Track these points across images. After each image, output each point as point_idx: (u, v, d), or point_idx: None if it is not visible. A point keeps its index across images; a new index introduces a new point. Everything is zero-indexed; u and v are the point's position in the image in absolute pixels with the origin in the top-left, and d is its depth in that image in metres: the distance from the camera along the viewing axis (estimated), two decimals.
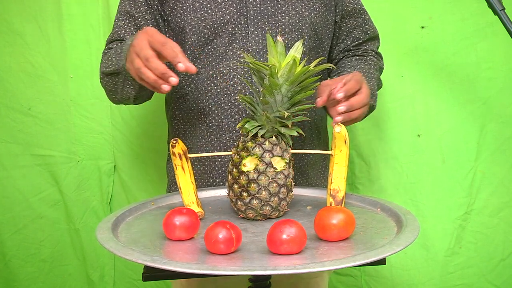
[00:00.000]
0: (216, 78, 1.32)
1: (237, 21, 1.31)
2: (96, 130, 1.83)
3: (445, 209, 1.76)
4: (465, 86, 1.72)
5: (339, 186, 1.17)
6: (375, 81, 1.40)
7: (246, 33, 1.31)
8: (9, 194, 1.84)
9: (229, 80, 1.32)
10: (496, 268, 1.77)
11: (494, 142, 1.73)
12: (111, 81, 1.30)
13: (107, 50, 1.35)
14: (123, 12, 1.37)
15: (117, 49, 1.26)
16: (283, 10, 1.33)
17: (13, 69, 1.80)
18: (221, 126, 1.34)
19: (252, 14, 1.31)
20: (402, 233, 0.99)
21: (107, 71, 1.28)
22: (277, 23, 1.32)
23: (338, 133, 1.13)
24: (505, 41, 1.56)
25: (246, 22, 1.31)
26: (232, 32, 1.31)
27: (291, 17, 1.33)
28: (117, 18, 1.38)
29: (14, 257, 1.86)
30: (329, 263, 0.87)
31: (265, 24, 1.31)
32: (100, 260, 1.89)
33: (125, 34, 1.35)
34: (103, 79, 1.32)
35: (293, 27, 1.33)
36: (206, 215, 1.19)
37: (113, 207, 1.89)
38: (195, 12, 1.31)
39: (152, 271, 0.96)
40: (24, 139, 1.82)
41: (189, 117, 1.38)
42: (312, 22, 1.35)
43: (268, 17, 1.32)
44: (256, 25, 1.31)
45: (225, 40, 1.31)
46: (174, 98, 1.41)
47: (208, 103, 1.34)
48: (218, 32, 1.31)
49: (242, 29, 1.31)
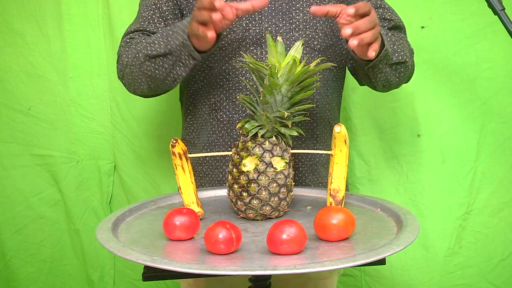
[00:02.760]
0: (229, 74, 1.33)
1: (251, 17, 1.31)
2: (96, 130, 1.83)
3: (445, 209, 1.76)
4: (465, 86, 1.72)
5: (339, 186, 1.17)
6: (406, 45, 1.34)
7: (260, 29, 1.31)
8: (9, 194, 1.84)
9: (241, 75, 1.32)
10: (496, 268, 1.76)
11: (494, 142, 1.73)
12: (154, 64, 1.26)
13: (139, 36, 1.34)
14: (149, 4, 1.37)
15: (165, 32, 1.25)
16: (298, 7, 1.32)
17: (13, 69, 1.80)
18: (232, 121, 1.34)
19: (267, 10, 1.31)
20: (402, 233, 0.99)
21: (154, 53, 1.25)
22: (291, 20, 1.32)
23: (338, 133, 1.13)
24: (505, 41, 1.57)
25: (260, 18, 1.31)
26: (246, 28, 1.31)
27: (306, 14, 1.32)
28: (142, 9, 1.38)
29: (14, 257, 1.86)
30: (329, 263, 0.87)
31: (279, 21, 1.31)
32: (100, 260, 1.89)
33: (149, 25, 1.35)
34: (144, 63, 1.28)
35: (307, 24, 1.32)
36: (206, 215, 1.19)
37: (113, 207, 1.89)
38: None
39: (152, 271, 0.96)
40: (24, 139, 1.82)
41: (201, 113, 1.39)
42: (327, 18, 1.33)
43: (282, 14, 1.32)
44: (270, 22, 1.31)
45: (238, 36, 1.31)
46: (187, 94, 1.41)
47: (220, 98, 1.35)
48: (232, 28, 1.31)
49: (256, 25, 1.31)
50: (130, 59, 1.31)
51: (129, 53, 1.32)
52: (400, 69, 1.32)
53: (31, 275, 1.88)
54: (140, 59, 1.29)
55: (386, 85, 1.35)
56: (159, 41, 1.26)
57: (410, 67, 1.36)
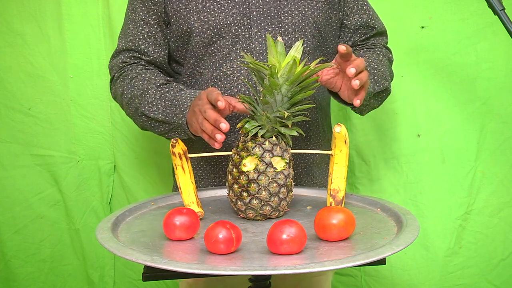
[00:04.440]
0: (220, 80, 1.33)
1: (240, 23, 1.31)
2: (96, 130, 1.83)
3: (445, 209, 1.76)
4: (465, 86, 1.72)
5: (339, 186, 1.17)
6: (386, 67, 1.39)
7: (249, 34, 1.31)
8: (9, 194, 1.84)
9: (232, 81, 1.32)
10: (496, 268, 1.76)
11: (494, 142, 1.73)
12: (150, 122, 1.32)
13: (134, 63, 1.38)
14: (137, 20, 1.37)
15: (164, 97, 1.28)
16: (286, 11, 1.33)
17: (13, 69, 1.80)
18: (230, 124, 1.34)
19: (255, 15, 1.31)
20: (402, 233, 0.99)
21: (151, 116, 1.30)
22: (280, 24, 1.32)
23: (338, 133, 1.14)
24: (505, 41, 1.57)
25: (249, 23, 1.31)
26: (235, 34, 1.31)
27: (294, 17, 1.33)
28: (131, 25, 1.38)
29: (14, 257, 1.86)
30: (329, 263, 0.87)
31: (268, 25, 1.31)
32: (100, 260, 1.89)
33: (140, 43, 1.37)
34: (140, 116, 1.33)
35: (296, 27, 1.33)
36: (206, 215, 1.19)
37: (113, 207, 1.89)
38: (198, 14, 1.31)
39: (152, 271, 0.96)
40: (24, 139, 1.82)
41: None
42: (316, 21, 1.35)
43: (271, 18, 1.32)
44: (259, 26, 1.31)
45: (228, 42, 1.31)
46: None
47: None
48: (221, 34, 1.31)
49: (246, 30, 1.31)
50: (125, 97, 1.34)
51: (125, 89, 1.34)
52: (382, 94, 1.37)
53: (31, 275, 1.88)
54: (136, 106, 1.32)
55: (370, 110, 1.41)
56: (157, 105, 1.29)
57: (390, 86, 1.40)
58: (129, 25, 1.39)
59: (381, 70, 1.35)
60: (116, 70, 1.39)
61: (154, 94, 1.30)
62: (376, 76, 1.32)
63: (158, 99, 1.29)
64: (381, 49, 1.44)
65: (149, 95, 1.30)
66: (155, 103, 1.29)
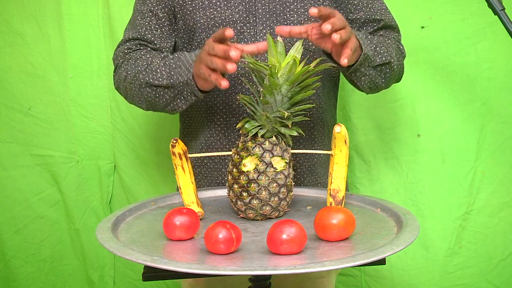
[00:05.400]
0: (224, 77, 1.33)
1: (246, 20, 1.31)
2: (96, 130, 1.83)
3: (445, 209, 1.76)
4: (465, 86, 1.72)
5: (339, 186, 1.17)
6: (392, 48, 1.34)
7: (254, 31, 1.31)
8: (9, 194, 1.84)
9: (236, 79, 1.32)
10: (496, 268, 1.76)
11: (494, 142, 1.73)
12: (155, 92, 1.28)
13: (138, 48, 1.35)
14: (145, 11, 1.37)
15: (168, 63, 1.26)
16: (292, 8, 1.33)
17: (13, 69, 1.80)
18: (229, 125, 1.34)
19: (261, 12, 1.31)
20: (402, 233, 0.99)
21: (155, 83, 1.27)
22: (286, 21, 1.32)
23: (338, 133, 1.14)
24: (505, 41, 1.56)
25: (254, 20, 1.31)
26: (240, 31, 1.31)
27: (300, 15, 1.33)
28: (138, 16, 1.38)
29: (14, 257, 1.86)
30: (329, 263, 0.87)
31: (274, 23, 1.31)
32: (100, 260, 1.89)
33: (147, 33, 1.36)
34: (145, 88, 1.29)
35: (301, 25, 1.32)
36: (206, 215, 1.19)
37: (113, 207, 1.89)
38: (204, 10, 1.32)
39: (152, 271, 0.96)
40: (24, 139, 1.82)
41: (198, 116, 1.39)
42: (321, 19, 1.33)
43: (276, 15, 1.32)
44: (265, 24, 1.31)
45: (233, 39, 1.31)
46: None
47: (216, 101, 1.35)
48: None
49: (251, 27, 1.31)
50: (129, 76, 1.32)
51: (129, 70, 1.32)
52: (386, 70, 1.31)
53: (31, 275, 1.88)
54: (140, 80, 1.29)
55: (373, 87, 1.34)
56: (162, 71, 1.26)
57: (397, 67, 1.35)
58: (137, 16, 1.39)
59: (384, 45, 1.31)
60: (121, 57, 1.37)
61: (159, 64, 1.28)
62: (378, 48, 1.28)
63: (162, 66, 1.27)
64: (390, 39, 1.39)
65: (154, 65, 1.28)
66: (159, 70, 1.26)
